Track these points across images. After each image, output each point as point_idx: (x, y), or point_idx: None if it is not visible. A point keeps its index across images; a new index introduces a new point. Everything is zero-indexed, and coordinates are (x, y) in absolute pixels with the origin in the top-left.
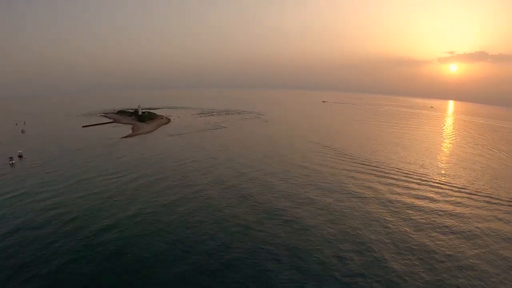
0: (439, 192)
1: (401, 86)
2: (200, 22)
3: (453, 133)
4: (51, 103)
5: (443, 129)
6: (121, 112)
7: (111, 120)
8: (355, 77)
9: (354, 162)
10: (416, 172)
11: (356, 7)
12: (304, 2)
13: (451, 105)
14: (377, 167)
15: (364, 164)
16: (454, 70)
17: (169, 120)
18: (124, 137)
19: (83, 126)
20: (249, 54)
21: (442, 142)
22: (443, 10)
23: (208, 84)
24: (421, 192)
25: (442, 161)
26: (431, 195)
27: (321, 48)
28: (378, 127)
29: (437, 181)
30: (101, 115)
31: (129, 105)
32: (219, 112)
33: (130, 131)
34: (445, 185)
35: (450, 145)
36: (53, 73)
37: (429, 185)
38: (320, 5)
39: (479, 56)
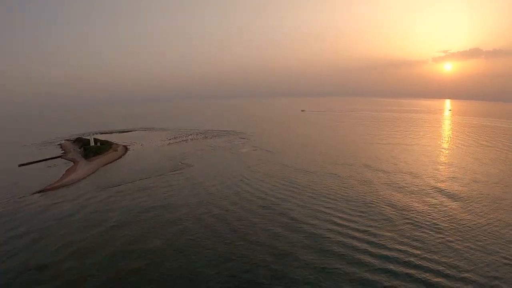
0: None
1: (397, 88)
2: (193, 28)
3: None
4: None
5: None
6: (78, 141)
7: (59, 154)
8: (348, 81)
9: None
10: None
11: (346, 10)
12: (294, 6)
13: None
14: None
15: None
16: (449, 68)
17: (125, 152)
18: (36, 192)
19: (20, 165)
20: (244, 63)
21: None
22: (434, 9)
23: (205, 95)
24: None
25: None
26: None
27: (309, 53)
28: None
29: None
30: (59, 144)
31: (113, 126)
32: (196, 135)
33: (63, 174)
34: None
35: None
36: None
37: None
38: (307, 8)
39: (473, 53)
